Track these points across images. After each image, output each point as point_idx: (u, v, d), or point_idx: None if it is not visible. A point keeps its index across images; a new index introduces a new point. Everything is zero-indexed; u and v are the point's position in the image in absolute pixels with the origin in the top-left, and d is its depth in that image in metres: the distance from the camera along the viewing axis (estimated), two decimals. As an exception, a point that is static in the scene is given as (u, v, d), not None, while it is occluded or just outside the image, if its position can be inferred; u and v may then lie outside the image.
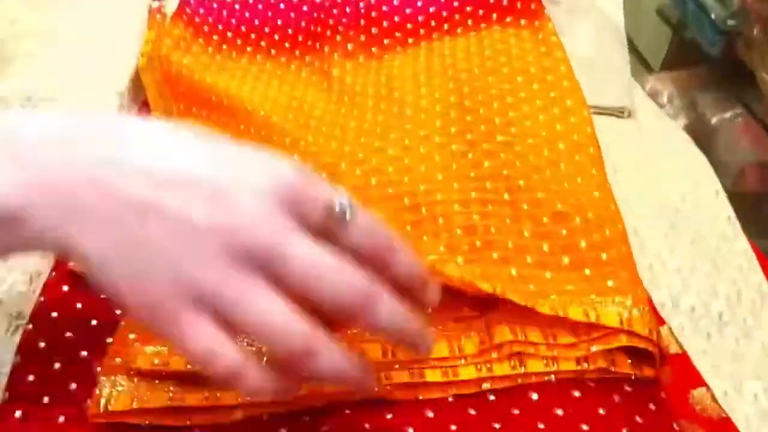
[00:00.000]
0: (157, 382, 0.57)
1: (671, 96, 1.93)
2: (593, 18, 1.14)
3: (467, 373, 0.58)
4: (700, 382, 0.64)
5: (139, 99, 0.94)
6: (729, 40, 1.60)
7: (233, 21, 1.01)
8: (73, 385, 0.60)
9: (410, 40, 0.99)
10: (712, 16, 1.63)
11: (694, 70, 1.92)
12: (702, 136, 1.74)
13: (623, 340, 0.58)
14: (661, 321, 0.69)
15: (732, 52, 1.65)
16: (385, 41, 0.99)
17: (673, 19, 1.87)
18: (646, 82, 1.90)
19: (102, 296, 0.67)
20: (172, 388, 0.57)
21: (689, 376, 0.64)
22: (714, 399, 0.63)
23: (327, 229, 0.44)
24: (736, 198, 0.93)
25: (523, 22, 0.96)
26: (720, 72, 1.84)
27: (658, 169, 0.92)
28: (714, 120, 1.77)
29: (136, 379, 0.57)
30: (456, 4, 1.00)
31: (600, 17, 1.14)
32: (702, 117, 1.81)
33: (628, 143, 0.97)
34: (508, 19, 0.97)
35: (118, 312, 0.65)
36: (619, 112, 1.04)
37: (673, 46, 1.95)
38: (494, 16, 0.98)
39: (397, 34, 1.00)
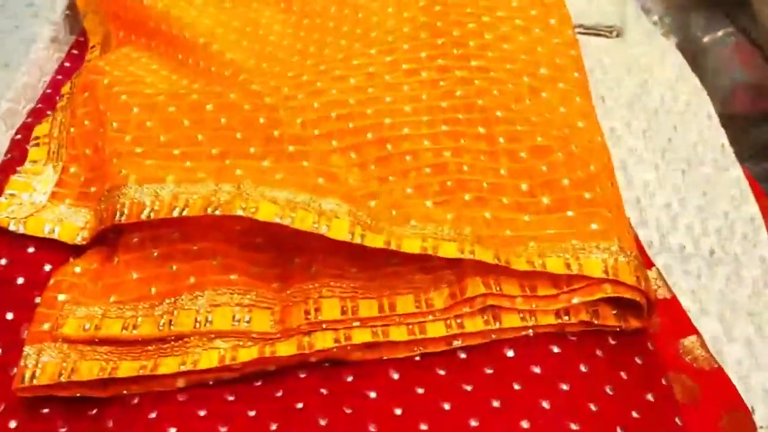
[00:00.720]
0: (88, 349, 0.51)
1: (662, 15, 1.84)
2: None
3: (436, 329, 0.52)
4: (690, 329, 0.59)
5: (77, 28, 0.85)
6: (720, -43, 1.50)
7: (179, -66, 0.90)
8: (-1, 352, 0.54)
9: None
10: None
11: (684, -11, 1.82)
12: (693, 56, 1.66)
13: (608, 291, 0.52)
14: (648, 263, 0.63)
15: (723, -31, 1.55)
16: (350, -46, 0.89)
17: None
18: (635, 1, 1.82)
19: (30, 250, 0.61)
20: (105, 356, 0.51)
21: (678, 323, 0.59)
22: (705, 347, 0.58)
23: None
24: (725, 120, 0.86)
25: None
26: (710, -10, 1.74)
27: (649, 96, 0.85)
28: (705, 39, 1.69)
29: (65, 347, 0.51)
30: None
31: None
32: (693, 37, 1.73)
33: (616, 66, 0.89)
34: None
35: (47, 268, 0.59)
36: (607, 32, 0.96)
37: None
38: None
39: (363, -55, 0.89)
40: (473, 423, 0.48)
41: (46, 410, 0.51)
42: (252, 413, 0.49)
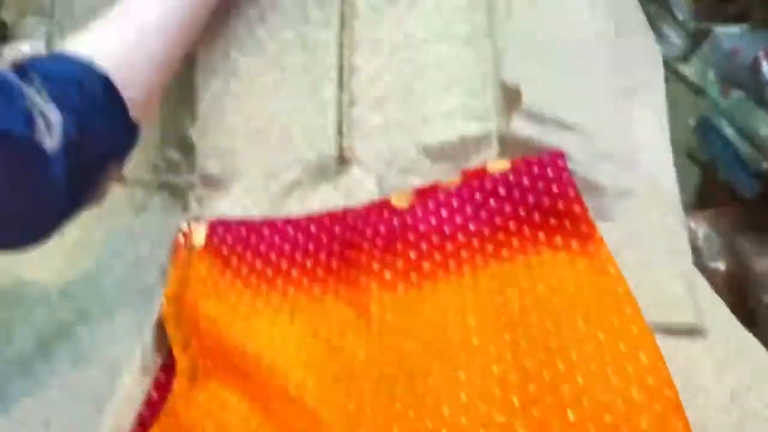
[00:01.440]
0: None
1: (707, 236, 1.84)
2: (647, 203, 1.04)
3: None
4: None
5: (165, 349, 0.87)
6: (764, 181, 1.54)
7: (262, 248, 0.95)
8: None
9: (452, 264, 0.91)
10: (746, 159, 1.58)
11: (729, 209, 1.84)
12: (744, 282, 1.65)
13: None
14: None
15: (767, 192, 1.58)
16: (425, 265, 0.91)
17: (703, 162, 1.82)
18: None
19: None
20: None
21: None
22: None
23: None
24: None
25: (574, 245, 0.89)
26: (758, 211, 1.76)
27: (744, 410, 0.82)
28: (757, 267, 1.68)
29: None
30: (498, 221, 0.94)
31: (653, 196, 1.03)
32: (742, 261, 1.72)
33: (702, 372, 0.87)
34: (558, 240, 0.90)
35: None
36: (685, 330, 0.94)
37: (704, 188, 1.90)
38: (541, 236, 0.91)
39: (437, 256, 0.92)
40: None
41: None
42: None
